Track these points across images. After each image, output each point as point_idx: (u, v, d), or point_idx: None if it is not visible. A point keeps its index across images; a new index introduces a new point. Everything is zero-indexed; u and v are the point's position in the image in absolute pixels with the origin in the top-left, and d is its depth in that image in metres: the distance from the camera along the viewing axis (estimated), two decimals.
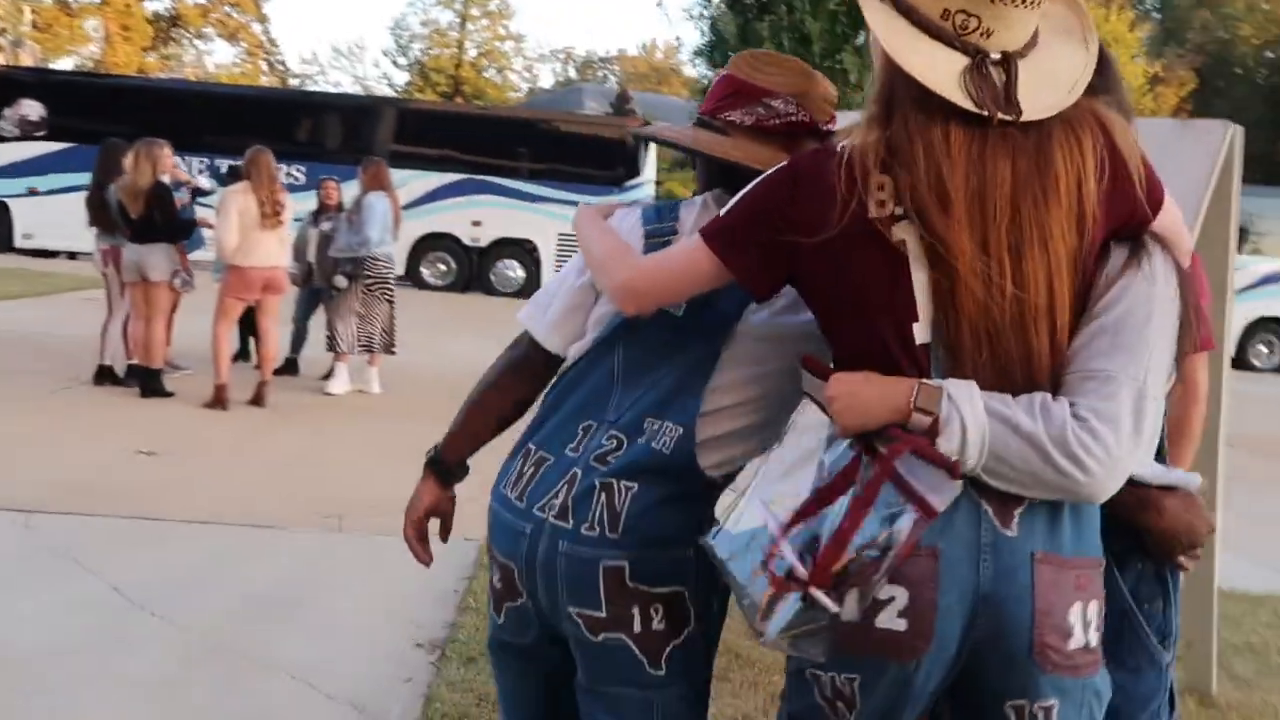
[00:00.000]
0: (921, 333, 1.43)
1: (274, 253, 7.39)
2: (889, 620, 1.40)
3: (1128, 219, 1.47)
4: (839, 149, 1.48)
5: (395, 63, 42.49)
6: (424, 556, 1.91)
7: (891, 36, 1.42)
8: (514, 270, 18.32)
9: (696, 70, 24.54)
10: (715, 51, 13.98)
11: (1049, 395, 1.40)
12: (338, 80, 51.18)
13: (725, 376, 1.68)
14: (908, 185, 1.40)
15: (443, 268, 18.25)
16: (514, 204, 18.03)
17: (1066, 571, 1.44)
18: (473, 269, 18.29)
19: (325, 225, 8.33)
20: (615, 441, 1.67)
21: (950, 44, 1.40)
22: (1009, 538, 1.42)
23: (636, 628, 1.64)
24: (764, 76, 1.75)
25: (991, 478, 1.39)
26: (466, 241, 18.16)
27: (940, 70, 1.39)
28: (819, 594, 1.37)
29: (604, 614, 1.64)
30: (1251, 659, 3.98)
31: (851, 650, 1.44)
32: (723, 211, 1.57)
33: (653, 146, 18.36)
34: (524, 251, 18.26)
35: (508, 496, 1.75)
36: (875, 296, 1.45)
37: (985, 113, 1.38)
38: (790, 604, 1.39)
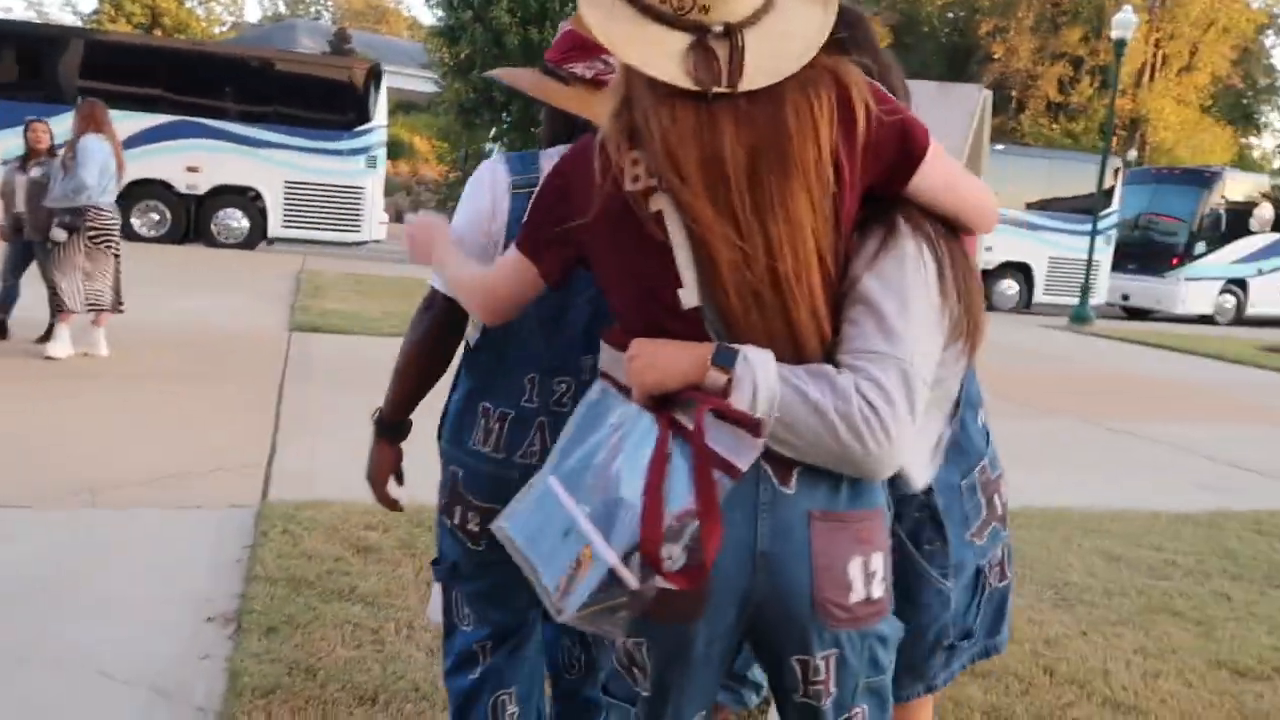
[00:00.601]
0: (689, 297, 1.45)
1: None
2: (664, 581, 1.38)
3: (877, 178, 1.48)
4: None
5: None
6: (399, 509, 2.11)
7: (611, 27, 1.43)
8: (237, 220, 17.25)
9: (432, 12, 23.70)
10: None
11: (836, 370, 1.43)
12: (8, 6, 45.81)
13: None
14: (650, 163, 1.43)
15: (155, 217, 16.91)
16: (235, 149, 16.88)
17: (846, 526, 1.47)
18: (190, 219, 17.06)
19: (35, 172, 7.54)
20: (565, 385, 1.85)
21: (672, 24, 1.41)
22: (787, 495, 1.44)
23: None
24: None
25: (776, 444, 1.42)
26: (181, 189, 16.89)
27: (663, 52, 1.41)
28: (621, 569, 1.37)
29: None
30: None
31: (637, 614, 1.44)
32: (525, 218, 1.65)
33: (384, 89, 17.71)
34: (247, 200, 17.20)
35: (482, 452, 1.92)
36: (638, 265, 1.48)
37: (703, 89, 1.40)
38: (589, 581, 1.39)
